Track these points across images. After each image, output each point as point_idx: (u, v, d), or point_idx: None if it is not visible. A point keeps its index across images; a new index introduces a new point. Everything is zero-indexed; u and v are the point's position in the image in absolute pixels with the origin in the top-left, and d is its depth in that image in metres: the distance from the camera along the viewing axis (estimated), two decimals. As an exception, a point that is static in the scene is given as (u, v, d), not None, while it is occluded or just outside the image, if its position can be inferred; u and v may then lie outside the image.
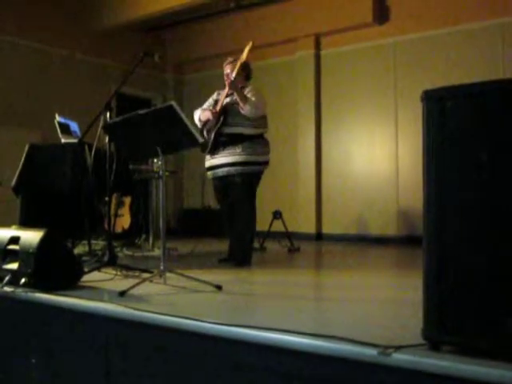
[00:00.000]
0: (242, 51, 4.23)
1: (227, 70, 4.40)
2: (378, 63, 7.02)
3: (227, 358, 2.11)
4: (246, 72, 4.43)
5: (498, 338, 1.58)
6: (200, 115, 4.44)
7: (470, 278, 1.65)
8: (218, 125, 4.26)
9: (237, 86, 4.19)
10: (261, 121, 4.32)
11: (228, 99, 4.30)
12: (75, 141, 4.54)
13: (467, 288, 1.65)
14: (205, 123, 4.41)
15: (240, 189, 4.23)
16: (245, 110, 4.16)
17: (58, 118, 4.83)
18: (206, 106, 4.54)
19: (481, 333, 1.62)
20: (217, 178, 4.38)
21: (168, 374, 2.29)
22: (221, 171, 4.29)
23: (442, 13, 6.51)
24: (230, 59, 4.46)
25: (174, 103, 3.10)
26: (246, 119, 4.20)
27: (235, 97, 4.21)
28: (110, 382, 2.48)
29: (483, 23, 6.24)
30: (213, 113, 4.31)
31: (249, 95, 4.22)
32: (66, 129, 4.84)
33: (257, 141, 4.28)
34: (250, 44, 4.15)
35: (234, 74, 4.19)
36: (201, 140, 3.20)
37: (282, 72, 7.80)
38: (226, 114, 4.27)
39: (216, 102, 4.44)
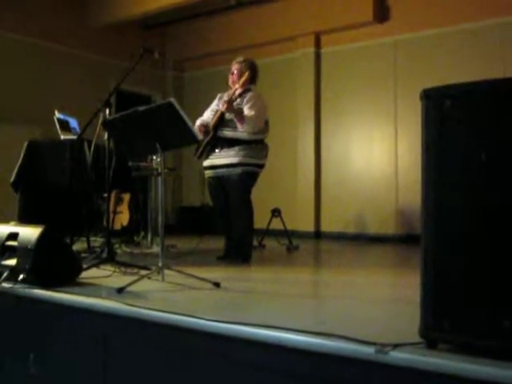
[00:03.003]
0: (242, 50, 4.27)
1: (233, 69, 4.43)
2: (378, 62, 7.02)
3: (225, 355, 2.11)
4: (251, 74, 4.41)
5: (494, 336, 1.59)
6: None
7: (467, 278, 1.65)
8: (208, 138, 4.30)
9: (233, 108, 4.18)
10: (262, 128, 4.32)
11: (228, 115, 4.26)
12: (74, 137, 4.54)
13: (464, 287, 1.65)
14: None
15: (237, 189, 4.24)
16: (243, 129, 4.17)
17: (57, 115, 4.83)
18: (205, 116, 4.52)
19: (477, 331, 1.62)
20: (215, 177, 4.39)
21: (165, 370, 2.29)
22: (221, 171, 4.30)
23: (443, 12, 6.51)
24: (239, 59, 4.47)
25: (173, 100, 3.10)
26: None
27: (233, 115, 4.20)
28: (108, 378, 2.48)
29: (484, 22, 6.24)
30: (203, 131, 4.34)
31: (247, 106, 4.21)
32: (65, 125, 4.84)
33: (254, 146, 4.27)
34: (247, 74, 4.28)
35: (232, 96, 4.22)
36: (200, 137, 3.21)
37: (282, 70, 7.79)
38: (221, 121, 4.28)
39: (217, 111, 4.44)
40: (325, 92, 7.51)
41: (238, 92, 4.37)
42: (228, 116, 4.24)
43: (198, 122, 4.41)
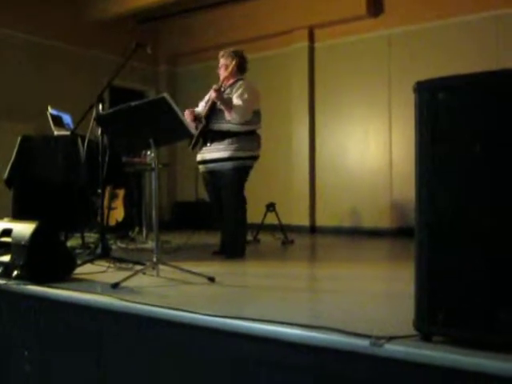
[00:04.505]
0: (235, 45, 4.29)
1: (220, 64, 4.44)
2: (373, 56, 7.01)
3: (220, 349, 2.11)
4: (239, 63, 4.40)
5: (488, 328, 1.59)
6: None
7: (460, 270, 1.65)
8: (200, 128, 4.30)
9: (222, 96, 4.18)
10: (250, 119, 4.30)
11: (219, 104, 4.26)
12: (68, 133, 4.51)
13: (458, 279, 1.66)
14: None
15: (229, 183, 4.24)
16: (230, 117, 4.17)
17: (50, 110, 4.79)
18: (200, 107, 4.52)
19: (471, 324, 1.63)
20: (207, 172, 4.39)
21: (160, 365, 2.29)
22: (212, 166, 4.30)
23: (437, 5, 6.50)
24: (221, 52, 4.47)
25: (166, 95, 3.09)
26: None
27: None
28: (103, 374, 2.48)
29: (478, 15, 6.24)
30: (195, 119, 4.36)
31: (236, 95, 4.21)
32: (58, 121, 4.81)
33: (244, 137, 4.26)
34: (234, 63, 4.33)
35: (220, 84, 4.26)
36: (193, 132, 3.21)
37: (276, 64, 7.78)
38: (212, 112, 4.27)
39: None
40: (319, 86, 7.50)
41: (228, 82, 4.36)
42: (219, 105, 4.23)
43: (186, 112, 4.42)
